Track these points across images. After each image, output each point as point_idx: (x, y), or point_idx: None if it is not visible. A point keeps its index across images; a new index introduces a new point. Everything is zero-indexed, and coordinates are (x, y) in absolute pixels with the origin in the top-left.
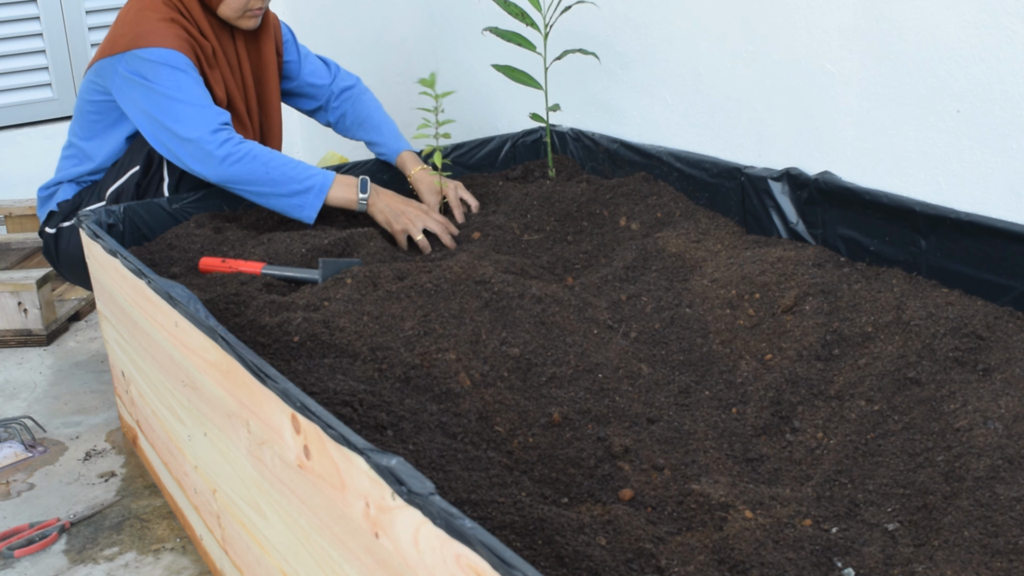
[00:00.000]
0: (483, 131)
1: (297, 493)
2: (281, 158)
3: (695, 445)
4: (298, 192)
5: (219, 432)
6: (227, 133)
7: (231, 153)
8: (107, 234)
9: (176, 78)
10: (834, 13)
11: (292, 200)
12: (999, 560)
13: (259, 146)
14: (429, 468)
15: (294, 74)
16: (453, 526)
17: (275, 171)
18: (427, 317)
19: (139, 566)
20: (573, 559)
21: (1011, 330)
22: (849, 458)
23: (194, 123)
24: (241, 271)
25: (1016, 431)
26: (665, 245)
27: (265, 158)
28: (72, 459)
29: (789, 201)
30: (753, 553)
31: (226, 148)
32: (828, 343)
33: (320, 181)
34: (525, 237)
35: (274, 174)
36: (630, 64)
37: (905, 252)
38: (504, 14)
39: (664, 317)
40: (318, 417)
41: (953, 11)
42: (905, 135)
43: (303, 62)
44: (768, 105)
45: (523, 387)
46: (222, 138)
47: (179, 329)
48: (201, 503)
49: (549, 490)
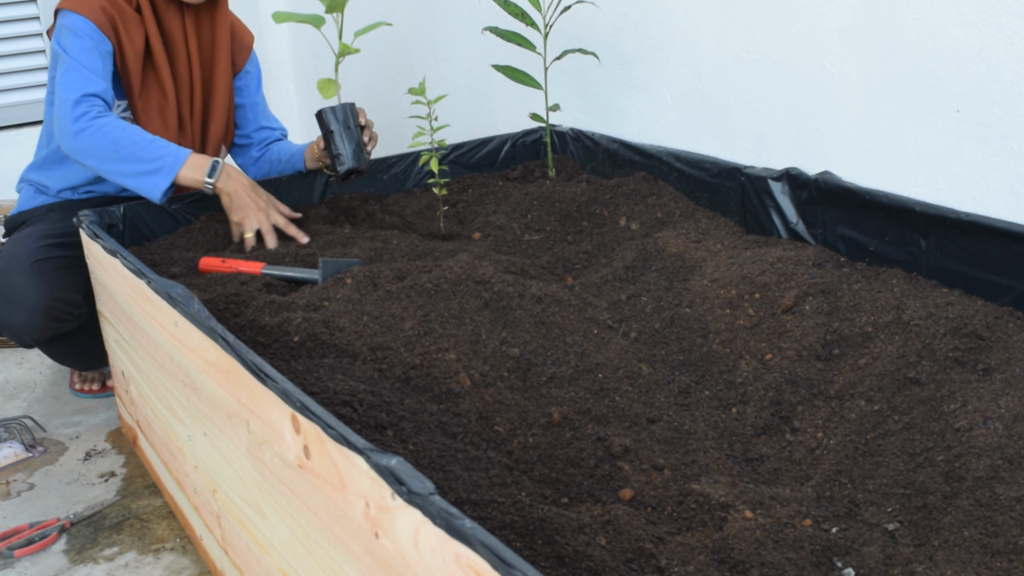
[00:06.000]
0: (483, 131)
1: (297, 493)
2: (136, 136)
3: (695, 445)
4: (146, 172)
5: (219, 432)
6: (88, 105)
7: (84, 128)
8: (107, 234)
9: (73, 44)
10: (834, 13)
11: (140, 180)
12: (999, 560)
13: (117, 122)
14: (429, 468)
15: (241, 98)
16: (453, 526)
17: (124, 149)
18: (427, 317)
19: (139, 566)
20: (573, 559)
21: (1011, 330)
22: (849, 458)
23: (65, 93)
24: (241, 271)
25: (1016, 431)
26: (665, 245)
27: (116, 135)
28: (72, 459)
29: (789, 201)
30: (753, 553)
31: (81, 122)
32: (828, 343)
33: (171, 162)
34: (525, 237)
35: (123, 152)
36: (630, 64)
37: (905, 252)
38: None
39: (664, 317)
40: (318, 417)
41: (953, 11)
42: (905, 135)
43: (255, 97)
44: (768, 105)
45: (523, 387)
46: (81, 110)
47: (179, 329)
48: (201, 503)
49: (549, 490)
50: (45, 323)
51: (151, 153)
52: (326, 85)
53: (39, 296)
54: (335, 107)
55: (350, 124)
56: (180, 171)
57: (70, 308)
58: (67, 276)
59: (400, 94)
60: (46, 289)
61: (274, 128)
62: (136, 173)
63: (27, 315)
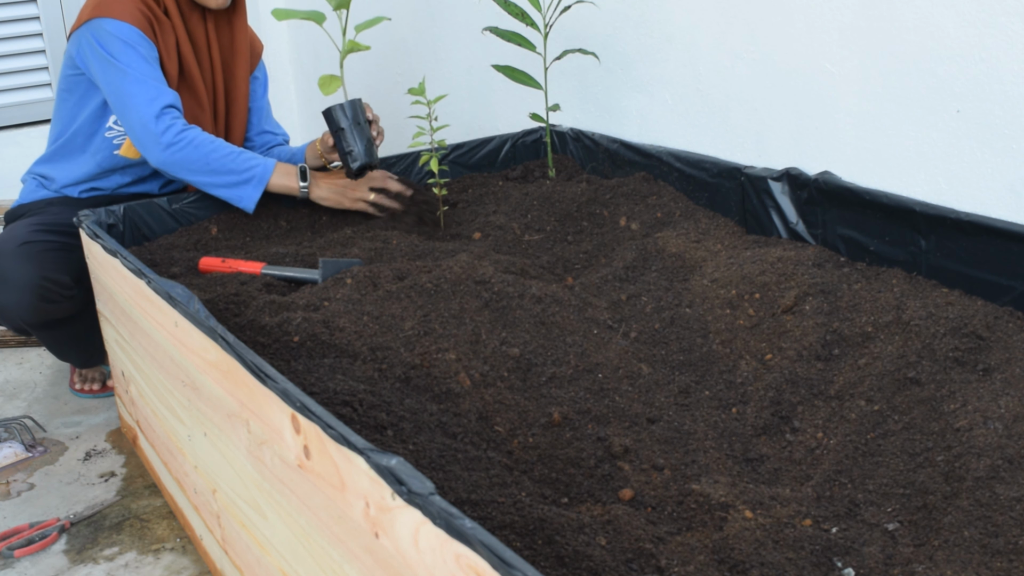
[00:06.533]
0: (483, 131)
1: (297, 493)
2: (223, 148)
3: (695, 445)
4: (237, 183)
5: (219, 432)
6: (171, 118)
7: (174, 142)
8: (107, 234)
9: (127, 53)
10: (834, 13)
11: (233, 191)
12: (999, 560)
13: (202, 135)
14: (429, 468)
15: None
16: (453, 526)
17: (215, 162)
18: (427, 317)
19: (139, 566)
20: (573, 559)
21: (1011, 330)
22: (849, 458)
23: (141, 105)
24: (241, 271)
25: (1016, 431)
26: (665, 245)
27: (207, 148)
28: (72, 459)
29: (789, 201)
30: (753, 553)
31: (169, 135)
32: (828, 343)
33: (260, 172)
34: (525, 237)
35: (214, 164)
36: (630, 64)
37: (905, 252)
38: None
39: (664, 317)
40: (318, 417)
41: (953, 11)
42: (905, 135)
43: (261, 101)
44: (768, 105)
45: (523, 387)
46: (166, 124)
47: (179, 329)
48: (201, 503)
49: (549, 490)
50: (35, 303)
51: (240, 165)
52: (327, 81)
53: (27, 276)
54: (343, 104)
55: (360, 120)
56: (271, 179)
57: (59, 289)
58: (56, 258)
59: (400, 94)
60: (34, 269)
61: (276, 133)
62: (229, 184)
63: (16, 295)
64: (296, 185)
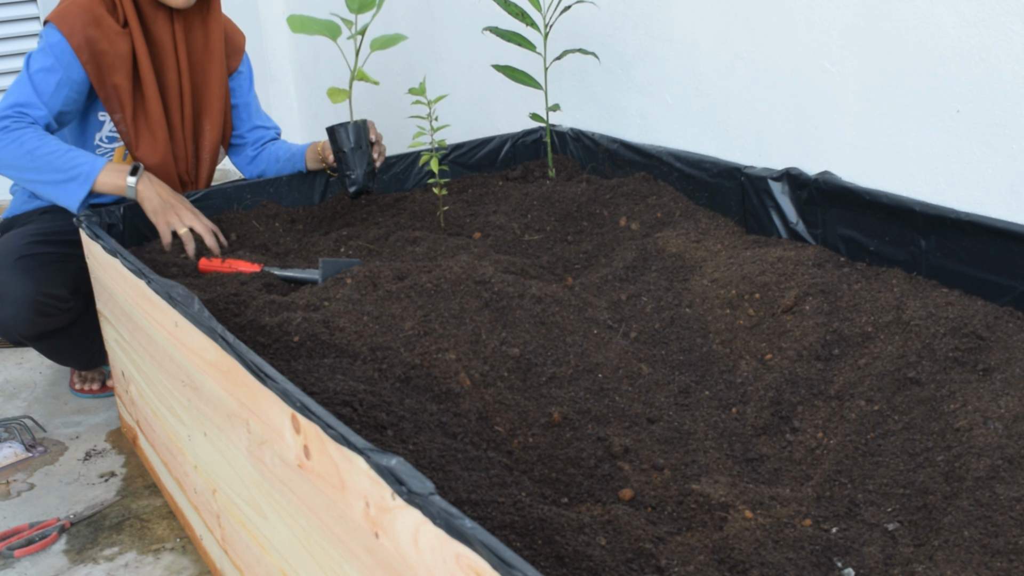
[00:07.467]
0: (483, 131)
1: (297, 493)
2: (50, 145)
3: (695, 445)
4: (62, 181)
5: (219, 432)
6: (11, 120)
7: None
8: (107, 234)
9: (41, 62)
10: (834, 13)
11: (57, 188)
12: (999, 560)
13: (36, 133)
14: (429, 468)
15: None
16: (453, 526)
17: (40, 159)
18: (427, 317)
19: (139, 566)
20: (573, 559)
21: (1011, 330)
22: (849, 458)
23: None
24: (241, 271)
25: (1016, 431)
26: (665, 245)
27: (32, 144)
28: (72, 459)
29: (789, 201)
30: (753, 553)
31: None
32: (828, 343)
33: (87, 169)
34: (525, 237)
35: (39, 161)
36: (630, 64)
37: (905, 252)
38: (504, 14)
39: (664, 317)
40: (318, 417)
41: (953, 11)
42: (905, 135)
43: (248, 97)
44: (768, 105)
45: (523, 387)
46: (4, 124)
47: (179, 329)
48: (201, 503)
49: (549, 490)
50: (32, 318)
51: (67, 162)
52: (336, 93)
53: (24, 291)
54: (348, 125)
55: (363, 144)
56: (98, 178)
57: (56, 303)
58: (53, 271)
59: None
60: (31, 284)
61: (268, 127)
62: (53, 182)
63: (13, 310)
64: (124, 184)
